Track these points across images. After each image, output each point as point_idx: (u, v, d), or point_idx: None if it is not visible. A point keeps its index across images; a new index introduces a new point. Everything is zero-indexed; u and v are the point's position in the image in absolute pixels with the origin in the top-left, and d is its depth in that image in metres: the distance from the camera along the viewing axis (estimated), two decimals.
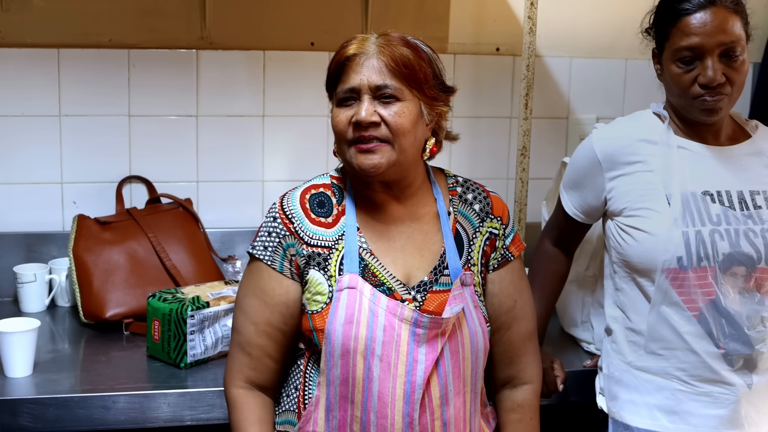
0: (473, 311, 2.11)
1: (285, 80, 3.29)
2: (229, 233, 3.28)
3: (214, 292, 2.65)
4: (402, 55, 2.03)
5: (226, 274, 3.11)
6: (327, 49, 3.24)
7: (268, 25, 3.25)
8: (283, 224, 2.08)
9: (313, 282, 2.06)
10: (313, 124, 3.31)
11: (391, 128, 2.01)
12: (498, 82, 3.44)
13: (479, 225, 2.17)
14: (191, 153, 3.27)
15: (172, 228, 3.09)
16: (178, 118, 3.25)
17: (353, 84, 2.03)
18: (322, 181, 2.17)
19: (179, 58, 3.22)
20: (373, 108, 2.01)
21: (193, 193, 3.27)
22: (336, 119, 2.06)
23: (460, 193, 2.20)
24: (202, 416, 2.43)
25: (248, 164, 3.32)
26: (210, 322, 2.60)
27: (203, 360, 2.61)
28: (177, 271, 2.98)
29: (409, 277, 2.10)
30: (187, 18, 3.19)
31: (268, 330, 2.08)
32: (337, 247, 2.08)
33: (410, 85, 2.03)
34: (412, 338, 2.02)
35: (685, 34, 2.24)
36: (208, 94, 3.25)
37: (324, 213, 2.10)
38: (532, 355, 2.22)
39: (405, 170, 2.08)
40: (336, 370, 2.02)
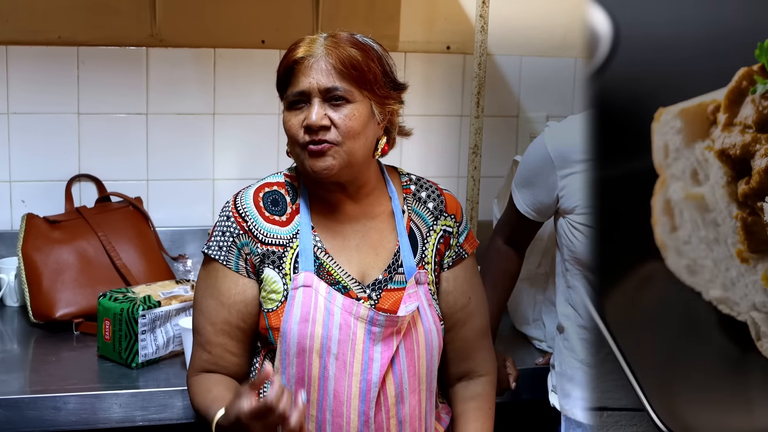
0: (427, 309, 2.12)
1: (235, 78, 3.30)
2: (180, 232, 3.28)
3: (165, 292, 2.65)
4: (350, 57, 2.03)
5: (176, 273, 3.11)
6: (277, 46, 3.24)
7: (218, 23, 3.25)
8: (236, 223, 2.08)
9: (268, 280, 2.06)
10: (264, 122, 3.32)
11: (341, 131, 2.01)
12: (449, 80, 3.46)
13: (433, 223, 2.18)
14: (141, 151, 3.26)
15: (123, 227, 3.08)
16: (128, 116, 3.25)
17: (303, 87, 2.03)
18: (275, 179, 2.16)
19: (129, 56, 3.21)
20: (323, 111, 2.01)
21: (143, 192, 3.26)
22: (287, 123, 2.06)
23: (413, 191, 2.21)
24: (153, 417, 2.42)
25: (198, 162, 3.32)
26: (161, 322, 2.59)
27: (155, 360, 2.60)
28: (127, 271, 2.97)
29: (364, 276, 2.11)
30: (137, 15, 3.18)
31: (226, 329, 2.08)
32: (291, 245, 2.08)
33: (360, 86, 2.03)
34: (368, 336, 2.03)
35: None
36: (158, 92, 3.24)
37: (278, 211, 2.10)
38: (488, 351, 2.25)
39: (357, 171, 2.09)
40: (291, 369, 2.02)
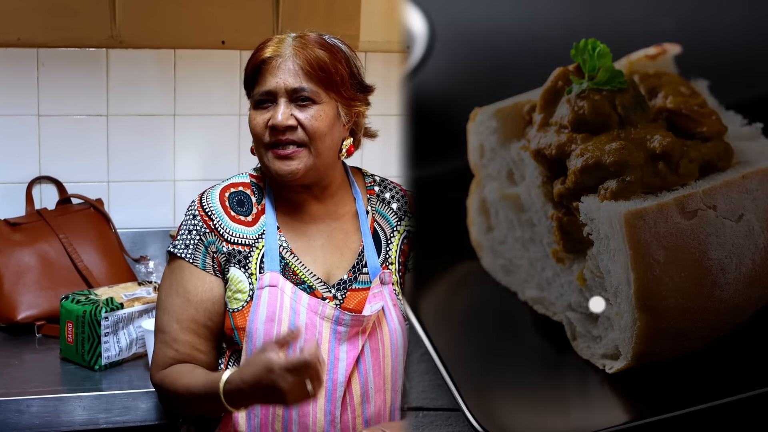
0: (392, 309, 2.16)
1: (196, 79, 3.30)
2: (141, 233, 3.30)
3: (127, 293, 2.67)
4: (318, 58, 2.06)
5: (138, 275, 3.12)
6: (238, 47, 3.25)
7: (178, 24, 3.24)
8: (203, 221, 2.12)
9: (234, 280, 2.10)
10: (225, 122, 3.33)
11: (307, 132, 2.05)
12: None
13: (397, 224, 2.22)
14: (102, 153, 3.28)
15: (84, 229, 3.09)
16: (88, 118, 3.26)
17: (269, 87, 2.06)
18: (241, 179, 2.20)
19: (89, 57, 3.23)
20: (289, 111, 2.05)
21: (104, 193, 3.28)
22: (253, 122, 2.09)
23: (377, 192, 2.25)
24: (117, 419, 2.44)
25: (159, 164, 3.33)
26: (124, 324, 2.61)
27: (118, 362, 2.61)
28: (89, 273, 2.99)
29: (329, 276, 2.16)
30: (96, 17, 3.19)
31: (193, 327, 2.11)
32: (257, 245, 2.11)
33: (326, 88, 2.07)
34: (334, 336, 2.08)
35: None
36: (118, 93, 3.26)
37: (244, 211, 2.14)
38: None
39: (323, 172, 2.12)
40: None
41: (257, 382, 1.89)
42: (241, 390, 1.93)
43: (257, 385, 1.89)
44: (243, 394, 1.93)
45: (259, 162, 2.15)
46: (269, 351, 1.88)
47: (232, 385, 1.94)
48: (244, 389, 1.92)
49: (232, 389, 1.94)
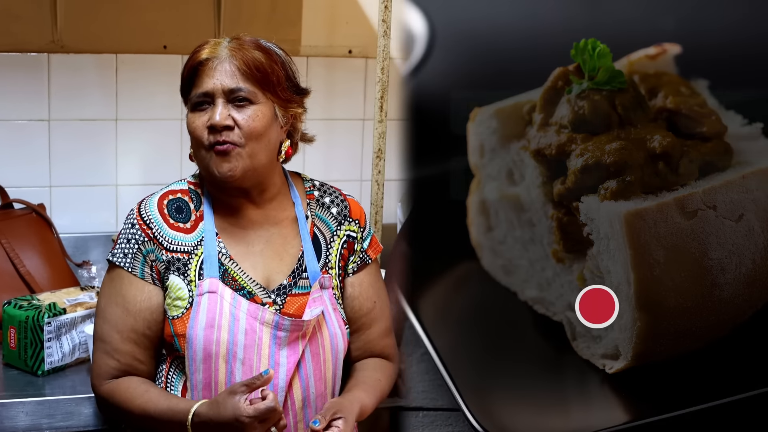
0: (332, 314, 2.16)
1: (138, 84, 3.26)
2: (83, 238, 3.26)
3: (70, 299, 2.63)
4: (254, 59, 2.06)
5: (81, 280, 3.06)
6: (180, 52, 3.20)
7: (120, 29, 3.21)
8: (141, 230, 2.11)
9: (174, 287, 2.10)
10: (167, 127, 3.29)
11: (243, 132, 2.05)
12: (351, 84, 3.42)
13: (336, 228, 2.21)
14: (44, 158, 3.23)
15: (26, 234, 3.01)
16: (30, 123, 3.20)
17: (207, 88, 2.06)
18: (179, 186, 2.19)
19: (30, 62, 3.16)
20: (227, 112, 2.05)
21: (46, 198, 3.22)
22: (192, 124, 2.09)
23: (317, 197, 2.23)
24: (60, 424, 2.41)
25: (102, 168, 3.29)
26: (67, 329, 2.59)
27: (61, 367, 2.58)
28: (32, 278, 2.91)
29: (269, 281, 2.14)
30: (38, 21, 3.13)
31: (132, 336, 2.11)
32: (196, 252, 2.12)
33: (263, 88, 2.07)
34: (274, 341, 2.07)
35: None
36: (60, 98, 3.20)
37: (182, 219, 2.14)
38: (392, 349, 2.27)
39: (261, 174, 2.12)
40: (199, 375, 2.07)
41: (225, 425, 1.94)
42: (208, 425, 1.98)
43: (224, 428, 1.95)
44: (208, 429, 1.99)
45: (198, 166, 2.15)
46: (238, 394, 1.93)
47: (200, 418, 1.99)
48: (210, 425, 1.98)
49: (200, 422, 1.99)
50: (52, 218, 3.10)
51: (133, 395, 2.07)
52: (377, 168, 2.98)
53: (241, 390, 1.92)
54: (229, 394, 1.93)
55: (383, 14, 2.91)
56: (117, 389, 2.09)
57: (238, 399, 1.91)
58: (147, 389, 2.08)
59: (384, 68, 2.94)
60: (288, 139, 2.14)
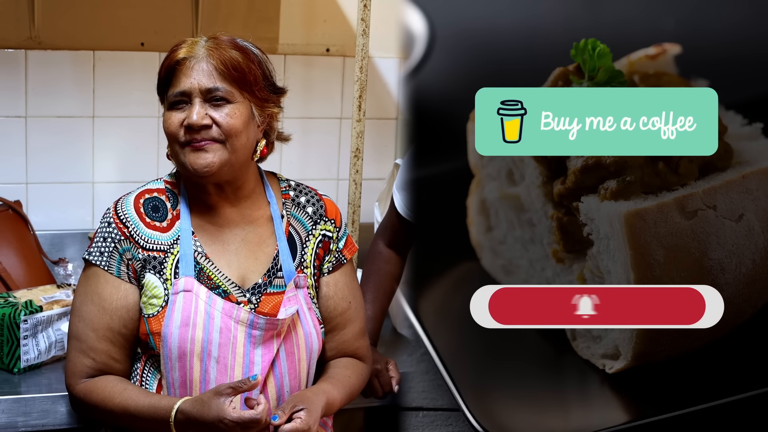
0: (307, 313, 2.17)
1: (115, 81, 3.25)
2: (60, 235, 3.24)
3: (46, 296, 2.64)
4: (231, 58, 2.07)
5: (57, 278, 3.05)
6: (157, 49, 3.21)
7: (97, 26, 3.20)
8: (117, 229, 2.12)
9: (149, 286, 2.11)
10: (144, 124, 3.29)
11: (223, 129, 2.05)
12: (328, 82, 3.42)
13: (312, 228, 2.22)
14: (20, 154, 3.22)
15: (2, 231, 3.01)
16: (6, 119, 3.19)
17: (184, 88, 2.06)
18: (155, 185, 2.20)
19: (7, 59, 3.15)
20: (204, 111, 2.05)
21: (23, 195, 3.21)
22: (168, 122, 2.09)
23: (293, 196, 2.24)
24: (36, 422, 2.42)
25: (78, 166, 3.28)
26: (43, 327, 2.59)
27: (37, 365, 2.58)
28: (8, 275, 2.91)
29: (244, 280, 2.15)
30: (15, 18, 3.12)
31: (108, 335, 2.11)
32: (172, 251, 2.12)
33: (240, 88, 2.07)
34: (248, 340, 2.08)
35: None
36: (36, 94, 3.20)
37: (159, 217, 2.14)
38: (366, 350, 2.29)
39: (237, 170, 2.12)
40: (174, 373, 2.08)
41: (208, 425, 1.96)
42: (191, 423, 1.99)
43: (207, 427, 1.97)
44: (191, 426, 2.00)
45: (174, 163, 2.15)
46: (224, 396, 1.94)
47: (183, 415, 2.00)
48: (194, 423, 1.99)
49: (183, 419, 2.00)
50: (28, 215, 3.11)
51: (111, 393, 2.07)
52: (355, 167, 2.97)
53: (226, 392, 1.94)
54: (215, 394, 1.95)
55: (362, 13, 2.91)
56: (94, 389, 2.10)
57: (223, 401, 1.93)
58: (125, 387, 2.09)
59: (362, 67, 2.94)
60: (264, 139, 2.15)
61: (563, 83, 2.05)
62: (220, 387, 1.96)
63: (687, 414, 1.93)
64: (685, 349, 1.99)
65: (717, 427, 1.97)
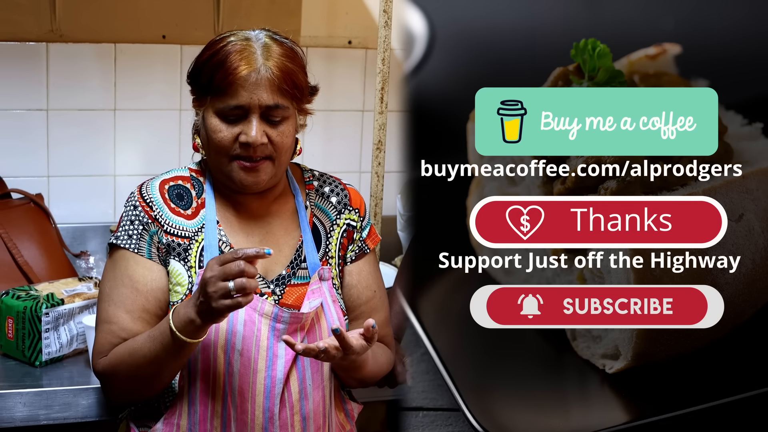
0: (331, 306, 2.15)
1: (136, 73, 3.27)
2: (81, 228, 3.26)
3: (68, 289, 2.63)
4: (289, 71, 2.05)
5: (79, 270, 3.05)
6: (178, 41, 3.22)
7: (118, 18, 3.22)
8: (144, 211, 2.09)
9: (174, 272, 2.09)
10: (165, 117, 3.30)
11: (275, 147, 2.05)
12: (350, 75, 3.44)
13: (336, 217, 2.21)
14: (42, 147, 3.25)
15: (24, 224, 3.01)
16: (28, 112, 3.22)
17: (243, 102, 2.03)
18: (180, 173, 2.18)
19: (28, 52, 3.18)
20: (262, 129, 2.04)
21: (44, 188, 3.24)
22: (220, 134, 2.06)
23: (316, 186, 2.24)
24: (57, 415, 2.42)
25: (99, 158, 3.30)
26: (65, 320, 2.59)
27: (58, 358, 2.58)
28: (29, 268, 2.92)
29: (268, 271, 2.14)
30: (36, 10, 3.14)
31: (145, 317, 2.07)
32: (196, 238, 2.10)
33: (293, 100, 2.07)
34: (272, 333, 2.06)
35: None
36: (58, 87, 3.21)
37: (183, 205, 2.12)
38: (390, 339, 2.28)
39: (278, 178, 2.13)
40: (197, 364, 2.06)
41: (198, 293, 1.91)
42: (185, 305, 1.94)
43: (196, 293, 1.91)
44: (186, 310, 1.94)
45: (214, 170, 2.13)
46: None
47: (179, 314, 1.94)
48: (186, 304, 1.94)
49: (180, 318, 1.94)
50: (50, 208, 3.11)
51: (127, 346, 2.02)
52: (377, 160, 2.97)
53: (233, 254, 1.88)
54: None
55: (384, 4, 2.91)
56: (113, 353, 2.04)
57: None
58: (135, 338, 2.03)
59: (385, 59, 2.94)
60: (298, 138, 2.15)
61: (563, 83, 2.05)
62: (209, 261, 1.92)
63: (687, 414, 1.93)
64: (685, 349, 1.99)
65: (717, 427, 1.97)
